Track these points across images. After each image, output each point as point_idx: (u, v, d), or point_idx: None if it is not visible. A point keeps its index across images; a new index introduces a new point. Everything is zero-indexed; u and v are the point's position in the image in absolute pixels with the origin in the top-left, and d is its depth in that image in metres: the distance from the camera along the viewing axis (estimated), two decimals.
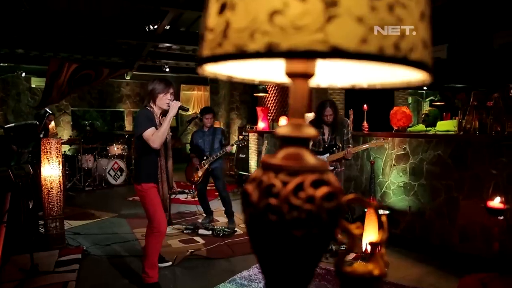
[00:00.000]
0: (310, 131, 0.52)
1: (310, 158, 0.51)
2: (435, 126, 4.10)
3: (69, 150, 8.72)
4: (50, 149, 3.90)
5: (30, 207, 4.08)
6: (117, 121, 12.93)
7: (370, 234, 3.46)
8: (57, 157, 3.93)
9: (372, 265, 0.60)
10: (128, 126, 12.24)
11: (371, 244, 0.61)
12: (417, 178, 4.18)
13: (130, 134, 9.77)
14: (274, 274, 0.51)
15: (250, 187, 0.51)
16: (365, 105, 4.90)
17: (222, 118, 12.65)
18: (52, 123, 8.72)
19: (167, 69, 9.80)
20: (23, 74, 9.26)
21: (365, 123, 4.86)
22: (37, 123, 5.58)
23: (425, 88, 10.81)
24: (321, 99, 8.31)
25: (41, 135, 4.27)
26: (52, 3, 5.78)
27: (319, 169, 0.50)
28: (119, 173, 8.08)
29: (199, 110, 14.12)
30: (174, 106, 2.93)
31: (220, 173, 4.80)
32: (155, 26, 5.47)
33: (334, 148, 4.17)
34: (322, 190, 0.48)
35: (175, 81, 12.31)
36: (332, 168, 4.16)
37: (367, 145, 4.01)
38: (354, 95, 7.25)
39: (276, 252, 0.49)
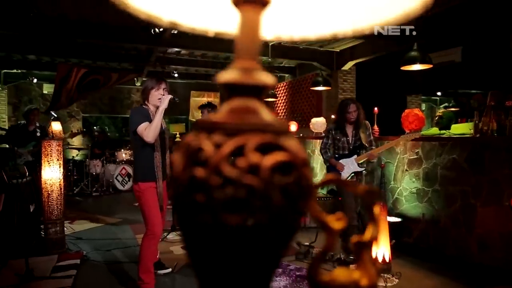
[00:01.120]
0: (265, 77, 0.38)
1: (264, 114, 0.36)
2: (449, 129, 3.89)
3: (77, 155, 8.71)
4: (50, 151, 3.83)
5: (31, 210, 4.02)
6: (127, 127, 12.95)
7: (381, 244, 3.26)
8: (57, 159, 3.85)
9: (358, 273, 0.45)
10: None
11: (357, 243, 0.46)
12: (431, 184, 3.97)
13: None
14: (208, 280, 0.36)
15: (176, 154, 0.37)
16: (375, 108, 4.72)
17: None
18: (59, 127, 8.72)
19: (176, 75, 9.76)
20: (35, 80, 9.34)
21: (375, 127, 4.67)
22: (24, 122, 5.50)
23: (438, 93, 10.52)
24: (331, 104, 8.16)
25: (38, 134, 4.19)
26: (59, 8, 5.78)
27: (273, 129, 0.35)
28: (126, 178, 8.01)
29: None
30: (165, 98, 2.86)
31: None
32: (161, 29, 5.40)
33: (360, 150, 3.98)
34: (272, 158, 0.33)
35: (185, 87, 12.29)
36: (362, 169, 3.96)
37: (388, 144, 3.76)
38: (365, 99, 7.05)
39: (206, 248, 0.34)
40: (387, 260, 3.21)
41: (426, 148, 4.04)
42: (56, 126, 8.02)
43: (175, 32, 6.86)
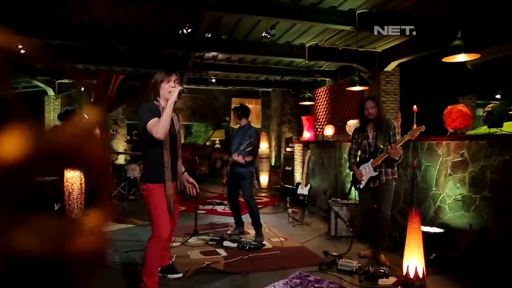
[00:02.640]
0: None
1: None
2: (500, 126, 3.35)
3: (116, 159, 8.95)
4: None
5: (56, 209, 4.07)
6: None
7: (413, 254, 2.84)
8: None
9: None
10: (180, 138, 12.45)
11: None
12: (479, 190, 3.44)
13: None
14: None
15: None
16: (414, 106, 4.25)
17: (273, 131, 12.37)
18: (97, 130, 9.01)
19: (214, 80, 9.77)
20: (82, 89, 9.82)
21: (414, 127, 4.20)
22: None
23: (498, 96, 9.51)
24: None
25: None
26: (95, 16, 5.98)
27: None
28: None
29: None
30: (174, 91, 2.69)
31: (247, 179, 4.41)
32: (189, 30, 5.36)
33: (377, 153, 3.70)
34: None
35: (225, 94, 12.34)
36: (376, 173, 3.66)
37: (407, 136, 3.51)
38: (411, 102, 6.50)
39: None
40: (421, 276, 2.77)
41: (472, 148, 3.52)
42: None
43: (209, 35, 6.86)
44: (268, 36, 5.70)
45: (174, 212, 3.04)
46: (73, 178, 3.83)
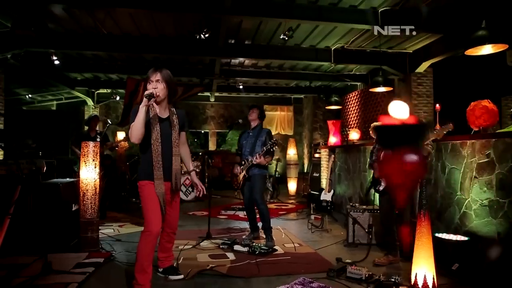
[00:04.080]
0: None
1: None
2: None
3: None
4: (87, 151, 3.97)
5: (73, 209, 4.20)
6: (198, 140, 13.45)
7: (422, 261, 2.59)
8: (93, 160, 3.98)
9: None
10: (212, 146, 12.59)
11: None
12: (507, 194, 3.09)
13: (207, 152, 9.95)
14: None
15: None
16: (437, 105, 3.97)
17: (306, 138, 12.18)
18: (123, 135, 9.34)
19: (241, 87, 9.80)
20: (117, 98, 10.24)
21: (437, 126, 3.91)
22: (87, 129, 6.02)
23: None
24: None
25: (98, 139, 4.41)
26: (121, 27, 6.21)
27: None
28: (190, 189, 8.15)
29: (282, 131, 13.51)
30: (144, 94, 2.64)
31: (258, 181, 4.29)
32: (206, 35, 5.40)
33: None
34: None
35: (256, 101, 12.32)
36: None
37: (433, 136, 3.27)
38: (446, 104, 6.06)
39: None
40: (430, 285, 2.51)
41: (499, 148, 3.19)
42: (120, 135, 8.63)
43: (232, 41, 6.89)
44: (287, 38, 5.62)
45: (173, 211, 3.03)
46: (88, 179, 3.93)
